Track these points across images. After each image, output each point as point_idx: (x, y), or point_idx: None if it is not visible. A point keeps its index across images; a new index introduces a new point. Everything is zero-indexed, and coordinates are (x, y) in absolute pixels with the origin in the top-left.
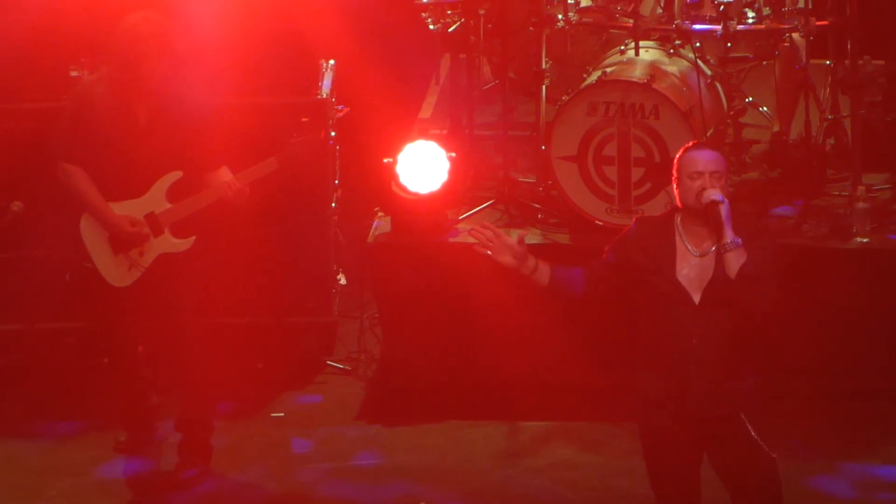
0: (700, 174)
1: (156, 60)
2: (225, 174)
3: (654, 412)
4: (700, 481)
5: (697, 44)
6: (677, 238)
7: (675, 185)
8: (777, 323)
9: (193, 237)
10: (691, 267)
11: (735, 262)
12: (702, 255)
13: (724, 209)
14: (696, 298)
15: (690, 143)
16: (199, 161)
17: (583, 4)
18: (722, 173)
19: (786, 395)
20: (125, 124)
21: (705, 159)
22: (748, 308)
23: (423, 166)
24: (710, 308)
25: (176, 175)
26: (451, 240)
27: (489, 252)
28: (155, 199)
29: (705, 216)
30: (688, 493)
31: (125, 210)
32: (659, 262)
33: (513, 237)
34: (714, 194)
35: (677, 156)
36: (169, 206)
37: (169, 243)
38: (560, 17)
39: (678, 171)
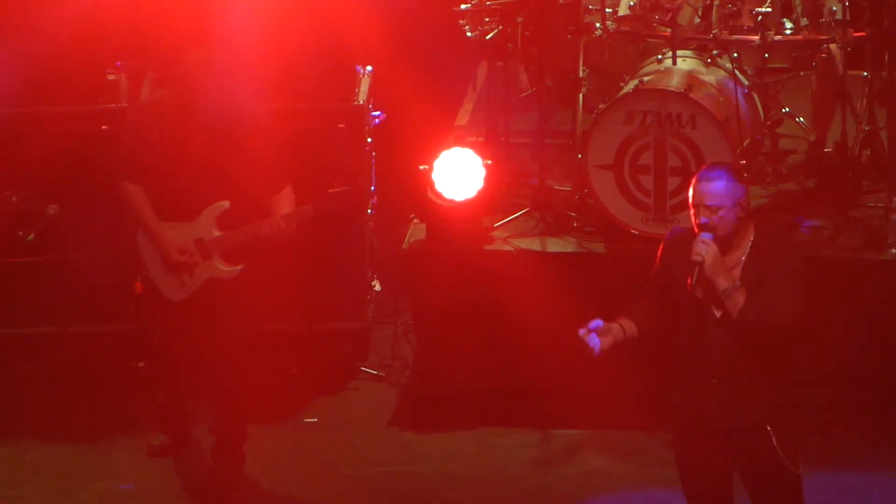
0: (699, 207)
1: (213, 90)
2: (288, 196)
3: (685, 426)
4: (733, 495)
5: (735, 54)
6: None
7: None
8: (810, 334)
9: (241, 266)
10: None
11: (732, 308)
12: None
13: (707, 267)
14: (717, 312)
15: (704, 167)
16: (258, 184)
17: (620, 13)
18: (723, 205)
19: (819, 407)
20: (181, 149)
21: (702, 191)
22: (757, 346)
23: (458, 173)
24: (730, 322)
25: (223, 205)
26: (486, 247)
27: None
28: (205, 226)
29: (720, 244)
30: (720, 502)
31: (177, 233)
32: (681, 277)
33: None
34: (696, 254)
35: (693, 179)
36: (217, 234)
37: (217, 269)
38: (598, 25)
39: (690, 194)
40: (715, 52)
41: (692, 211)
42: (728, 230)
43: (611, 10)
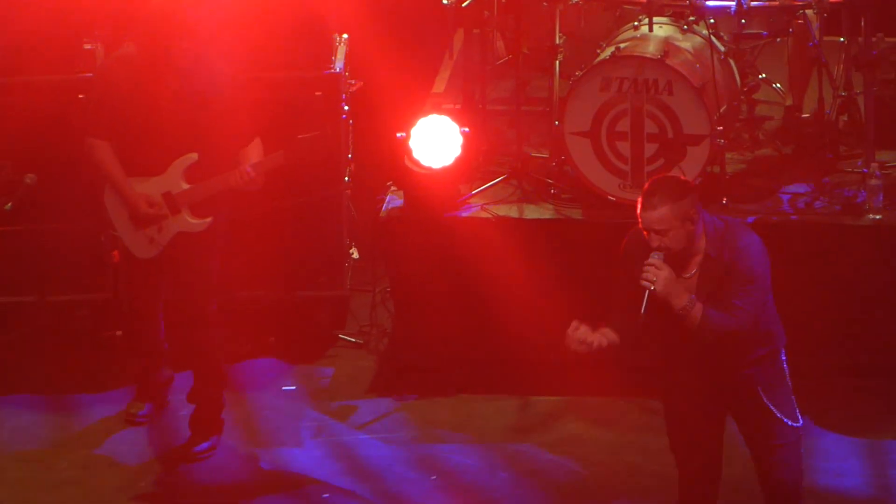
0: (645, 230)
1: (181, 43)
2: (256, 148)
3: (673, 379)
4: (722, 447)
5: (711, 20)
6: None
7: None
8: (789, 299)
9: (210, 218)
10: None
11: (690, 324)
12: (687, 278)
13: (659, 291)
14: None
15: (647, 186)
16: (227, 136)
17: None
18: (669, 228)
19: (798, 373)
20: (149, 103)
21: (648, 220)
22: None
23: (436, 141)
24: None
25: (192, 157)
26: (463, 214)
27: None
28: (172, 179)
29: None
30: (707, 459)
31: (145, 187)
32: (629, 286)
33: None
34: (645, 279)
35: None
36: (186, 187)
37: (186, 223)
38: None
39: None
40: (691, 18)
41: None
42: (681, 244)
43: None
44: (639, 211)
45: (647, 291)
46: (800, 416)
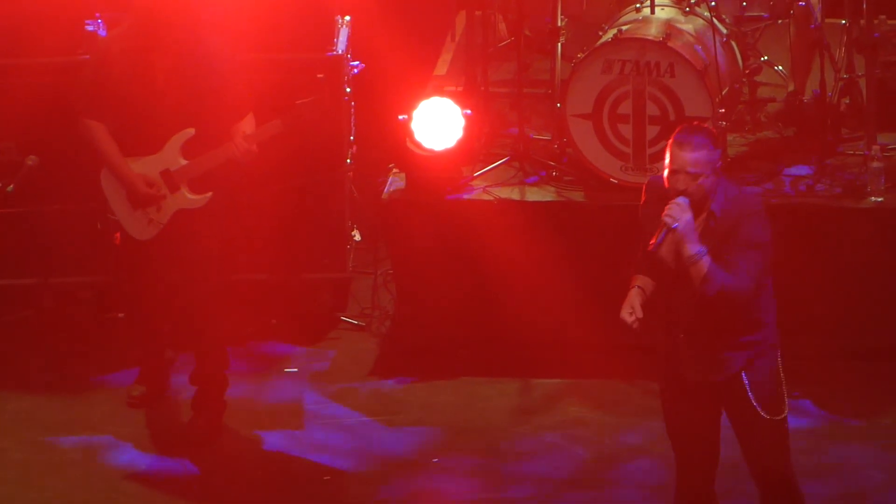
0: (676, 171)
1: (177, 20)
2: (249, 122)
3: (669, 371)
4: (719, 437)
5: (713, 2)
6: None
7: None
8: (788, 282)
9: (210, 193)
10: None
11: (696, 275)
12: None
13: (678, 232)
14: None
15: (682, 130)
16: (223, 112)
17: None
18: (700, 173)
19: (799, 356)
20: (144, 81)
21: (685, 158)
22: (717, 310)
23: (438, 123)
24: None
25: (189, 132)
26: (465, 197)
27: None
28: (170, 156)
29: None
30: (705, 448)
31: (142, 166)
32: (652, 228)
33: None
34: (667, 216)
35: (672, 136)
36: (184, 162)
37: (185, 199)
38: None
39: (667, 152)
40: (693, 0)
41: (666, 172)
42: (702, 194)
43: None
44: (673, 151)
45: (665, 228)
46: (786, 408)
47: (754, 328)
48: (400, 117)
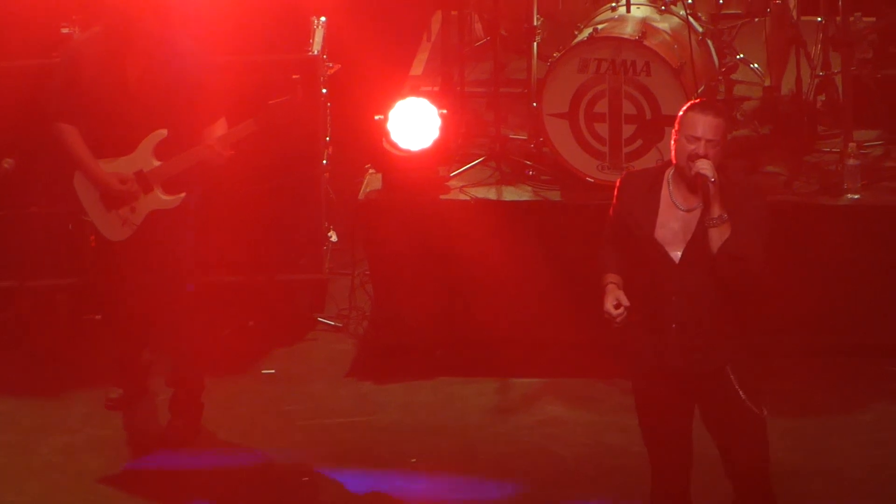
0: (697, 139)
1: (149, 22)
2: (221, 127)
3: (645, 368)
4: (692, 436)
5: (689, 0)
6: (665, 191)
7: (673, 139)
8: (768, 280)
9: (183, 194)
10: (676, 220)
11: (718, 238)
12: (688, 211)
13: (711, 186)
14: (677, 255)
15: (698, 101)
16: (194, 116)
17: None
18: (719, 141)
19: (776, 353)
20: (116, 83)
21: (705, 125)
22: (730, 285)
23: (414, 123)
24: (691, 266)
25: (161, 133)
26: (442, 197)
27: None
28: (143, 157)
29: (692, 182)
30: (680, 448)
31: (115, 167)
32: (640, 218)
33: None
34: (703, 167)
35: (682, 110)
36: (157, 164)
37: (159, 200)
38: None
39: (679, 127)
40: None
41: (679, 140)
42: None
43: None
44: (693, 117)
45: (707, 182)
46: (765, 405)
47: (738, 319)
48: (376, 117)
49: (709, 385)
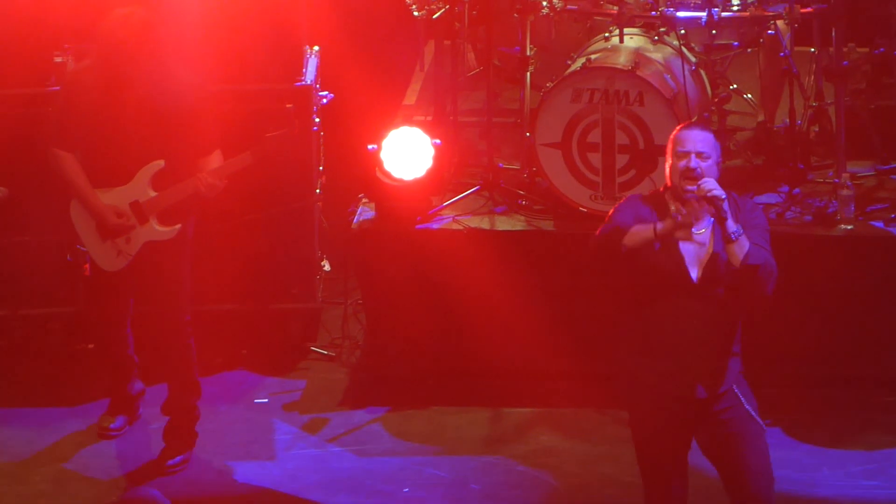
0: (686, 154)
1: (143, 54)
2: (216, 159)
3: (645, 395)
4: (687, 466)
5: (682, 31)
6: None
7: (667, 165)
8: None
9: (179, 225)
10: (685, 244)
11: (739, 251)
12: (696, 233)
13: (724, 203)
14: (694, 275)
15: (686, 122)
16: (190, 147)
17: None
18: (709, 154)
19: (768, 382)
20: (113, 113)
21: (693, 138)
22: (751, 297)
23: (407, 153)
24: (708, 285)
25: (158, 164)
26: (435, 226)
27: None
28: (139, 188)
29: (683, 198)
30: (676, 479)
31: (112, 197)
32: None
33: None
34: (710, 187)
35: (672, 133)
36: (153, 194)
37: (154, 231)
38: (545, 3)
39: (670, 147)
40: (662, 29)
41: (673, 163)
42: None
43: None
44: (681, 136)
45: (717, 200)
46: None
47: (738, 338)
48: (369, 147)
49: (720, 405)
